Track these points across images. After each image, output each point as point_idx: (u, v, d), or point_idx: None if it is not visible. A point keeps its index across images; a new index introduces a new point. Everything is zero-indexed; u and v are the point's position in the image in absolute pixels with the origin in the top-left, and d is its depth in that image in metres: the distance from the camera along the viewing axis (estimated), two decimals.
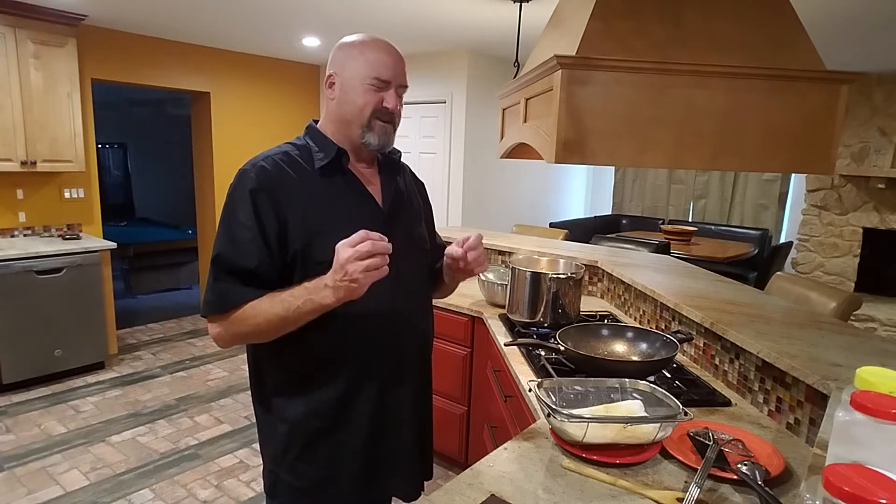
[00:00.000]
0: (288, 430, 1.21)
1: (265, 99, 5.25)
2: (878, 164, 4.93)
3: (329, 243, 1.06)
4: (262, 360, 1.23)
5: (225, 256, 1.12)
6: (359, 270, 0.99)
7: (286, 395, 1.21)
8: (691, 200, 6.37)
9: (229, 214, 1.14)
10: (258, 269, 1.11)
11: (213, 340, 1.14)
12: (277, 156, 1.18)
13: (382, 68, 1.18)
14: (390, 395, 1.26)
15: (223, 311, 1.11)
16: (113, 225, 6.70)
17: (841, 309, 2.23)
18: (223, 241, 1.13)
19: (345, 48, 1.21)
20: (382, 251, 1.01)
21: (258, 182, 1.12)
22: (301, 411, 1.20)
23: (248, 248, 1.10)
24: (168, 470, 2.82)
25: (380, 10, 3.39)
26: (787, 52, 1.42)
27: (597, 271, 2.70)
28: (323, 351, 1.18)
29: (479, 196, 5.04)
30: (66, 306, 3.75)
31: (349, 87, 1.18)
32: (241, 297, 1.10)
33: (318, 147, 1.21)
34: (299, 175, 1.17)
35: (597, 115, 1.38)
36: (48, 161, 3.75)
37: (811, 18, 2.80)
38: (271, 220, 1.11)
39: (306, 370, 1.20)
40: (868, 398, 0.65)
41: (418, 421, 1.35)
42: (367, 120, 1.18)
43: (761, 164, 1.47)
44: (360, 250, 0.99)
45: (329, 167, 1.19)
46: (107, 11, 3.69)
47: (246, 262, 1.10)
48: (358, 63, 1.18)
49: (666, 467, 1.16)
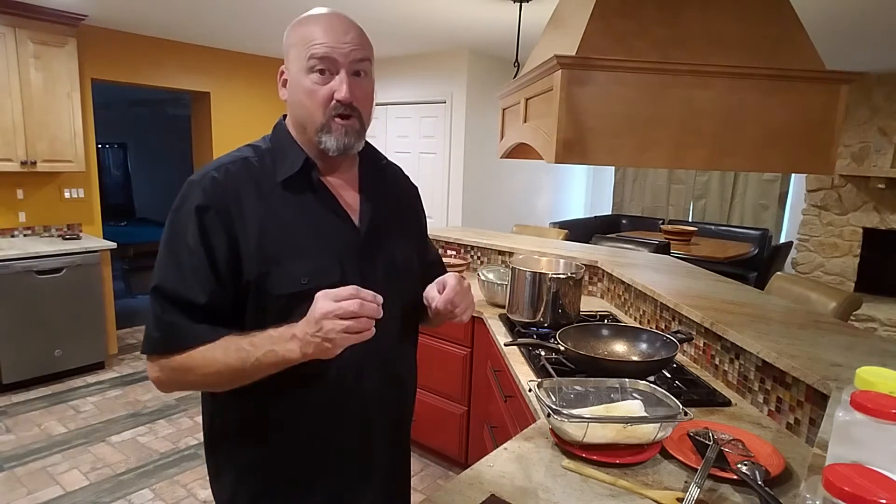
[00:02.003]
0: (235, 479, 1.03)
1: (265, 99, 5.25)
2: (878, 164, 4.93)
3: (289, 274, 0.92)
4: (207, 406, 1.06)
5: (169, 288, 0.91)
6: (336, 330, 0.82)
7: (226, 452, 1.04)
8: (691, 200, 6.37)
9: (173, 235, 0.93)
10: (209, 303, 0.91)
11: (152, 383, 0.96)
12: (233, 164, 0.97)
13: (318, 46, 0.92)
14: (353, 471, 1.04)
15: (167, 353, 0.91)
16: (113, 225, 6.70)
17: (841, 309, 2.22)
18: (166, 267, 0.93)
19: (287, 32, 0.99)
20: (371, 315, 0.84)
21: (206, 197, 0.92)
22: (239, 474, 1.02)
23: (195, 277, 0.91)
24: (168, 470, 2.82)
25: (380, 9, 3.39)
26: (787, 52, 1.42)
27: (597, 271, 2.70)
28: (276, 397, 0.97)
29: (479, 196, 5.04)
30: (66, 306, 3.75)
31: (295, 81, 0.96)
32: (191, 338, 0.90)
33: (283, 153, 1.00)
34: (257, 188, 0.96)
35: (597, 115, 1.38)
36: (48, 161, 3.76)
37: (811, 18, 2.80)
38: (221, 245, 0.92)
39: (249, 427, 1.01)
40: (868, 398, 0.65)
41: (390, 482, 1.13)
42: (321, 122, 0.95)
43: (761, 164, 1.47)
44: (343, 307, 0.82)
45: (295, 179, 0.97)
46: (107, 11, 3.69)
47: (194, 295, 0.91)
48: (297, 49, 0.95)
49: (666, 467, 1.16)
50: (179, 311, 0.91)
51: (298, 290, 0.92)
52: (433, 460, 2.89)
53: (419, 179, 1.43)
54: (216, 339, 0.90)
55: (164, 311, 0.92)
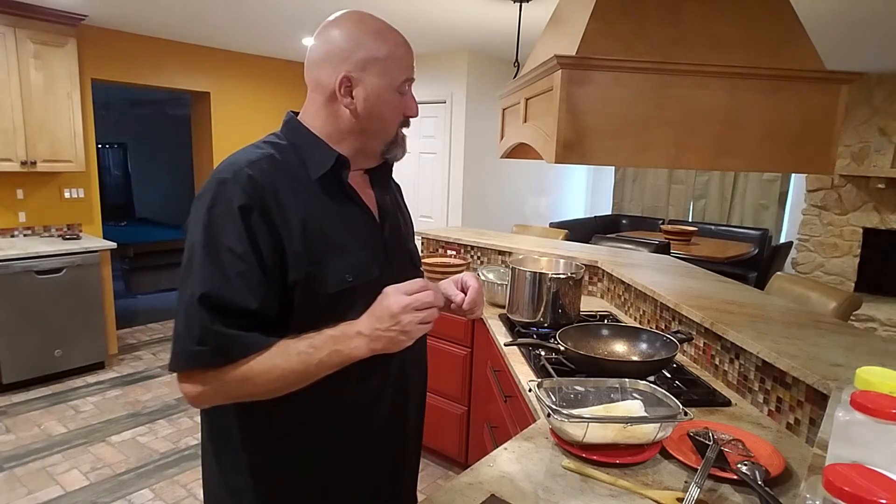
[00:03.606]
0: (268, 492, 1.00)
1: (265, 99, 5.25)
2: (878, 164, 4.93)
3: (336, 271, 0.92)
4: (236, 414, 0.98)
5: (216, 295, 0.85)
6: (415, 322, 0.86)
7: (267, 452, 0.99)
8: (691, 200, 6.37)
9: (212, 238, 0.87)
10: (261, 308, 0.87)
11: (186, 400, 0.90)
12: (263, 161, 0.93)
13: (411, 67, 0.98)
14: (392, 438, 1.09)
15: (219, 366, 0.86)
16: (113, 225, 6.70)
17: (841, 309, 2.22)
18: (209, 275, 0.86)
19: (359, 38, 0.95)
20: (440, 304, 0.90)
21: (248, 197, 0.87)
22: (290, 470, 0.99)
23: (244, 282, 0.86)
24: (168, 470, 2.82)
25: (380, 10, 3.38)
26: (787, 52, 1.42)
27: (597, 271, 2.70)
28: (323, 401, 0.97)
29: (479, 196, 5.04)
30: (66, 306, 3.75)
31: (378, 97, 0.96)
32: (249, 346, 0.86)
33: (308, 151, 0.97)
34: (292, 186, 0.93)
35: (597, 115, 1.37)
36: (48, 161, 3.76)
37: (811, 18, 2.80)
38: (268, 246, 0.88)
39: (296, 420, 0.98)
40: (868, 398, 0.65)
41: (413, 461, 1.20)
42: (393, 135, 1.00)
43: (761, 164, 1.47)
44: (420, 299, 0.86)
45: (327, 177, 0.96)
46: (107, 11, 3.69)
47: (246, 301, 0.86)
48: (386, 65, 0.95)
49: (666, 467, 1.16)
50: (230, 319, 0.86)
51: (345, 287, 0.93)
52: (433, 460, 2.89)
53: (419, 179, 1.44)
54: (271, 345, 0.87)
55: (213, 322, 0.85)
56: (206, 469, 1.08)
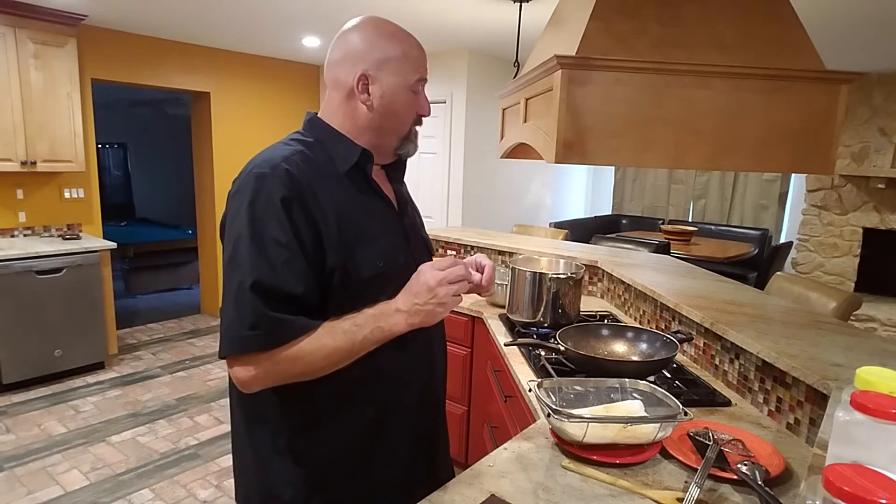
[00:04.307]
0: (310, 473, 1.03)
1: (265, 99, 5.25)
2: (878, 164, 4.93)
3: (369, 256, 0.99)
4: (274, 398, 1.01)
5: (265, 283, 0.91)
6: (450, 294, 0.96)
7: (307, 434, 1.03)
8: (691, 200, 6.37)
9: (257, 230, 0.92)
10: (306, 294, 0.94)
11: (238, 384, 0.95)
12: (296, 156, 0.99)
13: (424, 66, 1.05)
14: (425, 410, 1.19)
15: (272, 348, 0.91)
16: (113, 225, 6.70)
17: (841, 309, 2.23)
18: (257, 264, 0.91)
19: (376, 41, 1.02)
20: (469, 278, 0.99)
21: (288, 190, 0.93)
22: (328, 448, 1.03)
23: (290, 270, 0.92)
24: (168, 470, 2.82)
25: (380, 10, 3.39)
26: (787, 52, 1.42)
27: (597, 271, 2.70)
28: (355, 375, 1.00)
29: (479, 196, 5.04)
30: (66, 306, 3.75)
31: (393, 95, 1.02)
32: (297, 329, 0.92)
33: (334, 147, 1.04)
34: (325, 179, 1.00)
35: (597, 115, 1.38)
36: (48, 161, 3.76)
37: (811, 18, 2.80)
38: (308, 235, 0.94)
39: (332, 400, 1.03)
40: (868, 398, 0.65)
41: (444, 433, 1.31)
42: (407, 131, 1.07)
43: (761, 164, 1.47)
44: (454, 272, 0.97)
45: (353, 171, 1.03)
46: (107, 11, 3.69)
47: (292, 287, 0.92)
48: (400, 65, 1.02)
49: (666, 467, 1.16)
50: (279, 304, 0.92)
51: (377, 272, 1.01)
52: None
53: (419, 179, 1.46)
54: (317, 326, 0.94)
55: (266, 307, 0.91)
56: (240, 457, 1.12)
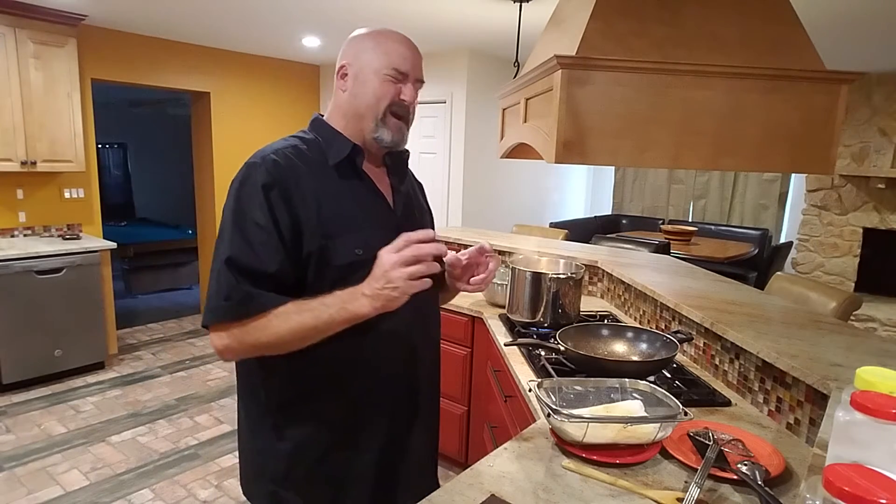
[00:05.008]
0: (291, 449, 1.12)
1: (265, 99, 5.25)
2: (878, 164, 4.93)
3: (346, 246, 1.03)
4: (260, 374, 1.13)
5: (241, 259, 1.01)
6: (403, 277, 0.95)
7: (290, 412, 1.12)
8: (691, 200, 6.37)
9: (240, 212, 1.03)
10: (279, 273, 1.02)
11: (216, 352, 1.05)
12: (287, 149, 1.08)
13: (401, 59, 1.11)
14: (405, 407, 1.19)
15: (242, 319, 1.00)
16: (113, 225, 6.70)
17: (841, 309, 2.22)
18: (236, 242, 1.02)
19: (359, 39, 1.14)
20: (430, 252, 0.96)
21: (270, 176, 1.03)
22: (307, 429, 1.11)
23: (265, 249, 1.01)
24: (168, 470, 2.82)
25: (380, 9, 3.39)
26: (787, 52, 1.42)
27: (597, 271, 2.70)
28: (335, 363, 1.09)
29: (479, 196, 5.04)
30: (66, 306, 3.75)
31: (364, 77, 1.11)
32: (267, 302, 1.00)
33: (329, 142, 1.13)
34: (311, 171, 1.08)
35: (597, 115, 1.38)
36: (48, 161, 3.76)
37: (811, 18, 2.80)
38: (285, 219, 1.02)
39: (315, 384, 1.10)
40: (868, 398, 0.65)
41: (432, 435, 1.30)
42: (382, 112, 1.11)
43: (761, 164, 1.47)
44: (404, 255, 0.95)
45: (343, 164, 1.11)
46: (107, 11, 3.69)
47: (265, 265, 1.01)
48: (375, 54, 1.11)
49: (666, 467, 1.16)
50: (251, 280, 1.00)
51: (354, 259, 1.05)
52: None
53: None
54: (286, 302, 1.00)
55: (238, 281, 1.00)
56: (241, 441, 1.21)
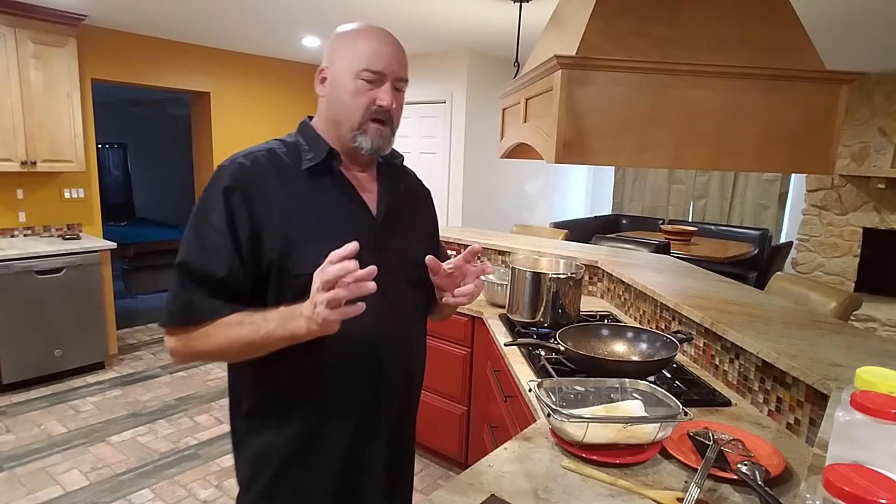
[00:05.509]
0: (252, 459, 1.09)
1: (265, 99, 5.25)
2: (878, 164, 4.93)
3: (309, 255, 0.95)
4: (232, 378, 1.12)
5: (192, 263, 0.98)
6: (322, 303, 0.85)
7: (254, 420, 1.09)
8: (691, 200, 6.37)
9: (200, 215, 1.01)
10: (228, 278, 0.98)
11: (169, 353, 1.04)
12: (261, 153, 1.05)
13: (375, 58, 1.03)
14: (366, 433, 1.10)
15: (182, 325, 0.99)
16: (113, 225, 6.70)
17: (841, 309, 2.22)
18: (191, 245, 1.00)
19: (336, 38, 1.08)
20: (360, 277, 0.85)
21: (233, 180, 1.00)
22: (265, 441, 1.07)
23: (216, 253, 0.98)
24: (168, 470, 2.82)
25: (380, 9, 3.39)
26: (787, 52, 1.42)
27: (597, 271, 2.70)
28: (299, 372, 1.04)
29: (479, 196, 5.04)
30: (66, 306, 3.75)
31: (339, 82, 1.05)
32: (209, 311, 0.97)
33: (308, 146, 1.08)
34: (282, 176, 1.04)
35: (597, 115, 1.38)
36: (48, 161, 3.75)
37: (811, 18, 2.80)
38: (245, 225, 0.98)
39: (277, 392, 1.06)
40: (868, 398, 0.65)
41: (400, 451, 1.19)
42: (358, 122, 1.04)
43: (761, 164, 1.47)
44: (325, 275, 0.84)
45: (318, 169, 1.05)
46: (107, 11, 3.69)
47: (214, 269, 0.97)
48: (349, 54, 1.04)
49: (666, 467, 1.16)
50: (199, 285, 0.98)
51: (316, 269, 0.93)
52: (433, 460, 2.89)
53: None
54: (230, 313, 0.97)
55: (183, 287, 0.99)
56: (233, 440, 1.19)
